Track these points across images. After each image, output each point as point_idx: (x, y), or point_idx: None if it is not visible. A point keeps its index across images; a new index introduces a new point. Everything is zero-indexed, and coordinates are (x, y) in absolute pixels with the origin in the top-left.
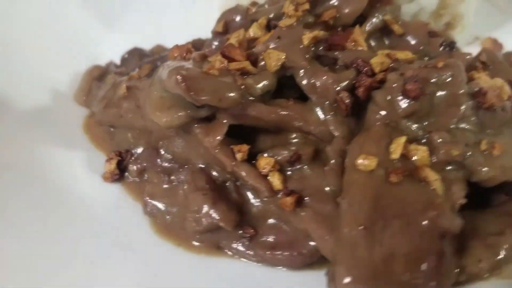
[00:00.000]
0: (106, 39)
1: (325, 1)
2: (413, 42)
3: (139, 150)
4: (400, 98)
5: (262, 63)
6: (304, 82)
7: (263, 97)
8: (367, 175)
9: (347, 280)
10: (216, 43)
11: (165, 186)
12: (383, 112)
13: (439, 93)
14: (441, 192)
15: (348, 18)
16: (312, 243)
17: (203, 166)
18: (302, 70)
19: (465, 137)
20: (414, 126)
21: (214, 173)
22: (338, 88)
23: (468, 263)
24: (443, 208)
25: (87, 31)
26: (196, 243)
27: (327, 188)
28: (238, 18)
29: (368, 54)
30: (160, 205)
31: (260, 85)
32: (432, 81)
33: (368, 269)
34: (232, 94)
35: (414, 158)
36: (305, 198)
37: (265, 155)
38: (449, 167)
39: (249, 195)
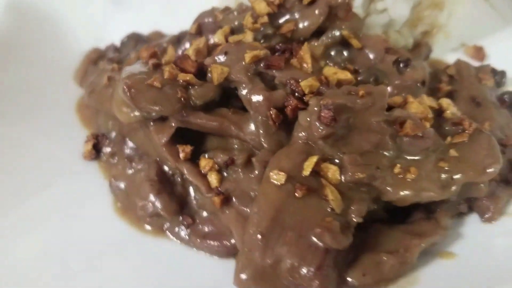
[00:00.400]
0: (118, 20)
1: (284, 15)
2: (371, 56)
3: (113, 135)
4: (316, 122)
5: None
6: (243, 96)
7: (207, 105)
8: (277, 188)
9: (242, 276)
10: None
11: (128, 171)
12: (304, 132)
13: (357, 120)
14: (339, 211)
15: (305, 32)
16: None
17: (157, 159)
18: (243, 85)
19: (378, 160)
20: (330, 147)
21: (166, 167)
22: (269, 105)
23: (352, 275)
24: (332, 227)
25: (100, 11)
26: (146, 225)
27: (252, 193)
28: (210, 21)
29: (302, 75)
30: (121, 187)
31: (201, 97)
32: (351, 107)
33: (258, 271)
34: (171, 105)
35: (325, 176)
36: (233, 199)
37: (206, 156)
38: (358, 187)
39: (191, 189)
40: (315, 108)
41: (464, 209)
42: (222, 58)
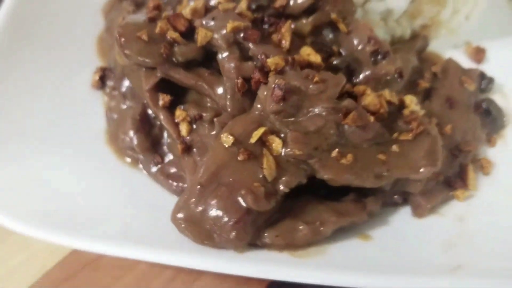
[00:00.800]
0: None
1: None
2: (354, 42)
3: (117, 72)
4: (270, 98)
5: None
6: (220, 61)
7: (189, 63)
8: (224, 148)
9: (177, 215)
10: None
11: (122, 106)
12: (261, 104)
13: (307, 102)
14: (269, 179)
15: (296, 8)
16: None
17: (145, 101)
18: (222, 51)
19: (319, 142)
20: (280, 121)
21: (150, 110)
22: (238, 74)
23: (267, 234)
24: (257, 191)
25: None
26: (126, 157)
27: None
28: None
29: (275, 52)
30: (113, 118)
31: (183, 55)
32: (303, 90)
33: (190, 214)
34: (153, 58)
35: (269, 147)
36: (194, 149)
37: (182, 107)
38: (297, 162)
39: (166, 133)
40: (272, 85)
41: (399, 200)
42: (209, 22)
